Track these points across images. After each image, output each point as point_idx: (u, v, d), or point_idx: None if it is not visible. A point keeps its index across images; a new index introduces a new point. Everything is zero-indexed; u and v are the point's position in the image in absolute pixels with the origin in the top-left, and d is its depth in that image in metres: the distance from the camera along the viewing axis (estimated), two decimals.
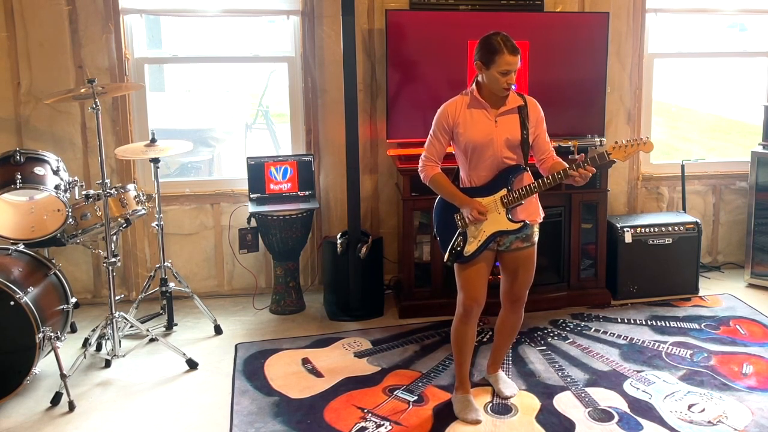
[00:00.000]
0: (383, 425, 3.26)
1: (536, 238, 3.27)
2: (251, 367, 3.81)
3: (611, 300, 4.65)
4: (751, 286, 4.92)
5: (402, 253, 4.51)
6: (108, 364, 3.82)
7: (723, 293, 4.81)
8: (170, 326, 4.27)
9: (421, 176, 3.22)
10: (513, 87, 3.09)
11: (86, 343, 3.97)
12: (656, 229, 4.69)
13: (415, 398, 3.49)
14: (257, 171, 4.55)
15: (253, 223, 4.49)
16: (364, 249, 4.37)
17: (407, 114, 4.50)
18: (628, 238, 4.64)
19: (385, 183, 4.85)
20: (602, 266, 4.63)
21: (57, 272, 3.80)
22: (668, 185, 5.20)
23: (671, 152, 6.68)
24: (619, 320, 4.39)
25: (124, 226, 3.99)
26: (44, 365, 3.63)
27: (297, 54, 4.69)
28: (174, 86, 6.44)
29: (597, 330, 4.25)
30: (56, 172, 3.74)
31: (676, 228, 4.72)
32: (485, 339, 4.10)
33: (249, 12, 4.66)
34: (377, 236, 4.59)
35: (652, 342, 4.08)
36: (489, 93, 3.10)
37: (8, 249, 3.69)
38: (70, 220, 3.71)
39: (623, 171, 5.09)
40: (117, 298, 3.87)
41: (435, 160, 3.19)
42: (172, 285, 4.27)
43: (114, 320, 3.74)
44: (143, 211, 4.04)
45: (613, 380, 3.65)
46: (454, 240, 3.17)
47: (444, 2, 4.59)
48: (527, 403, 3.44)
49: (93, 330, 3.98)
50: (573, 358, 3.89)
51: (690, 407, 3.39)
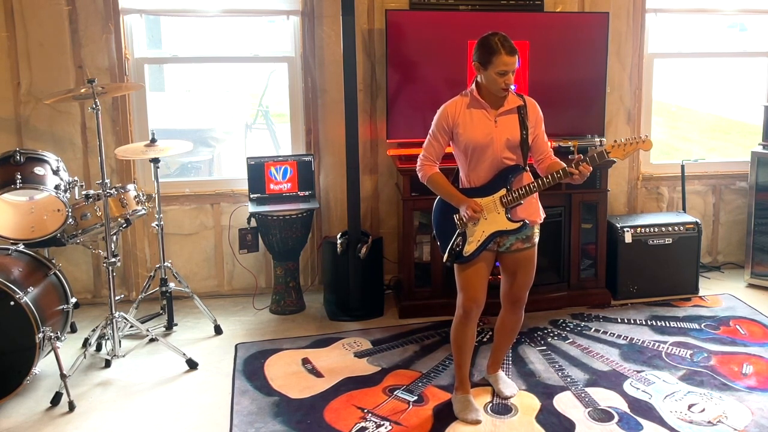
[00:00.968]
0: (383, 425, 3.26)
1: (537, 239, 3.28)
2: (251, 367, 3.81)
3: (611, 300, 4.65)
4: (751, 286, 4.92)
5: (402, 253, 4.51)
6: (108, 364, 3.82)
7: (723, 293, 4.80)
8: (170, 326, 4.27)
9: (419, 175, 3.23)
10: (512, 87, 3.10)
11: (86, 343, 3.97)
12: (656, 229, 4.69)
13: (415, 398, 3.49)
14: (257, 171, 4.55)
15: (253, 223, 4.49)
16: (364, 249, 4.37)
17: (407, 114, 4.50)
18: (628, 238, 4.64)
19: (385, 183, 4.85)
20: (602, 266, 4.63)
21: (57, 272, 3.80)
22: (668, 185, 5.20)
23: (671, 152, 6.67)
24: (619, 320, 4.39)
25: (124, 226, 3.99)
26: (44, 365, 3.62)
27: (297, 54, 4.69)
28: (174, 86, 6.44)
29: (597, 330, 4.25)
30: (56, 172, 3.74)
31: (676, 228, 4.72)
32: (485, 339, 4.10)
33: (249, 12, 4.66)
34: (377, 236, 4.59)
35: (652, 342, 4.08)
36: (488, 93, 3.10)
37: (8, 249, 3.69)
38: (70, 220, 3.71)
39: (623, 171, 5.08)
40: (117, 298, 3.87)
41: (433, 160, 3.20)
42: (172, 285, 4.27)
43: (114, 320, 3.74)
44: (143, 211, 4.03)
45: (613, 380, 3.65)
46: (454, 240, 3.18)
47: (444, 2, 4.59)
48: (527, 403, 3.44)
49: (93, 330, 3.98)
50: (573, 358, 3.89)
51: (690, 407, 3.39)
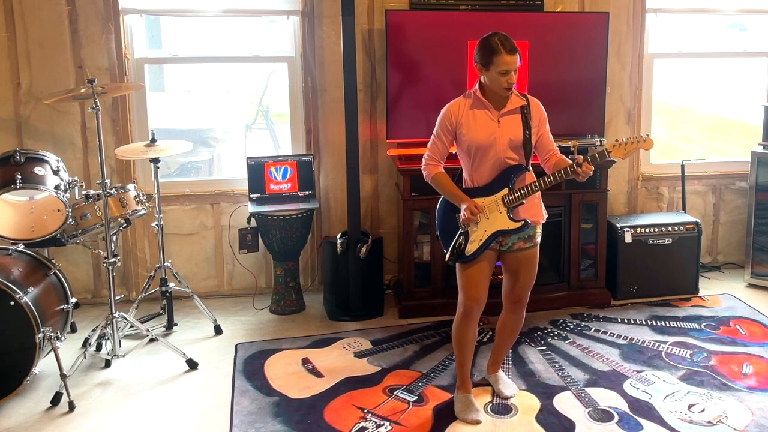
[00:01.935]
0: (383, 425, 3.26)
1: (539, 239, 3.28)
2: (251, 367, 3.81)
3: (611, 300, 4.65)
4: (751, 286, 4.92)
5: (402, 253, 4.50)
6: (108, 364, 3.82)
7: (723, 293, 4.80)
8: (170, 326, 4.27)
9: (424, 174, 3.26)
10: (514, 86, 3.10)
11: (86, 343, 3.97)
12: (656, 229, 4.69)
13: (415, 398, 3.49)
14: (257, 171, 4.55)
15: (253, 223, 4.49)
16: (364, 249, 4.37)
17: (407, 114, 4.50)
18: (628, 238, 4.64)
19: (385, 183, 4.85)
20: (602, 266, 4.63)
21: (57, 272, 3.80)
22: (668, 185, 5.20)
23: (671, 152, 6.68)
24: (619, 320, 4.39)
25: (124, 226, 3.99)
26: (44, 365, 3.62)
27: (297, 54, 4.69)
28: (174, 86, 6.45)
29: (597, 330, 4.25)
30: (56, 172, 3.74)
31: (676, 228, 4.72)
32: (486, 339, 4.10)
33: (249, 12, 4.66)
34: (377, 236, 4.58)
35: (652, 342, 4.08)
36: (491, 93, 3.12)
37: (8, 249, 3.69)
38: (70, 220, 3.71)
39: (623, 171, 5.08)
40: (117, 298, 3.87)
41: (438, 160, 3.23)
42: (172, 285, 4.27)
43: (114, 320, 3.74)
44: (143, 211, 4.03)
45: (613, 380, 3.65)
46: (456, 239, 3.19)
47: (444, 2, 4.59)
48: (527, 403, 3.44)
49: (93, 330, 3.98)
50: (573, 358, 3.89)
51: (690, 407, 3.39)
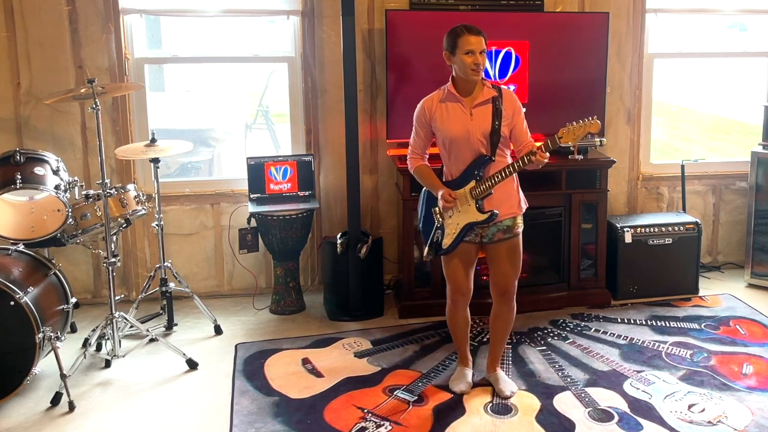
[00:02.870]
0: (383, 425, 3.26)
1: (520, 230, 3.37)
2: (251, 367, 3.81)
3: (611, 300, 4.65)
4: (751, 286, 4.92)
5: (402, 253, 4.50)
6: (108, 364, 3.82)
7: (723, 293, 4.80)
8: (170, 326, 4.27)
9: (408, 166, 3.44)
10: (483, 73, 3.17)
11: (86, 343, 3.97)
12: (656, 229, 4.69)
13: (415, 398, 3.49)
14: (257, 171, 4.55)
15: (253, 223, 4.49)
16: (364, 249, 4.37)
17: (407, 114, 4.43)
18: (628, 238, 4.64)
19: (385, 183, 4.85)
20: (602, 266, 4.63)
21: (57, 272, 3.80)
22: (668, 185, 5.20)
23: (671, 152, 6.68)
24: (619, 320, 4.39)
25: (124, 226, 3.99)
26: (44, 365, 3.62)
27: (297, 54, 4.69)
28: (174, 86, 6.44)
29: (597, 330, 4.25)
30: (56, 172, 3.74)
31: (676, 228, 4.72)
32: (484, 339, 4.09)
33: (249, 12, 4.66)
34: (377, 236, 4.58)
35: (652, 342, 4.07)
36: (463, 85, 3.22)
37: (8, 249, 3.69)
38: (70, 220, 3.71)
39: (623, 171, 5.08)
40: (117, 298, 3.87)
41: (419, 153, 3.40)
42: (172, 285, 4.27)
43: (114, 320, 3.74)
44: (143, 211, 4.03)
45: (613, 380, 3.65)
46: (433, 234, 3.37)
47: (444, 2, 4.59)
48: (527, 403, 3.44)
49: (93, 330, 3.98)
50: (573, 358, 3.89)
51: (690, 407, 3.39)
